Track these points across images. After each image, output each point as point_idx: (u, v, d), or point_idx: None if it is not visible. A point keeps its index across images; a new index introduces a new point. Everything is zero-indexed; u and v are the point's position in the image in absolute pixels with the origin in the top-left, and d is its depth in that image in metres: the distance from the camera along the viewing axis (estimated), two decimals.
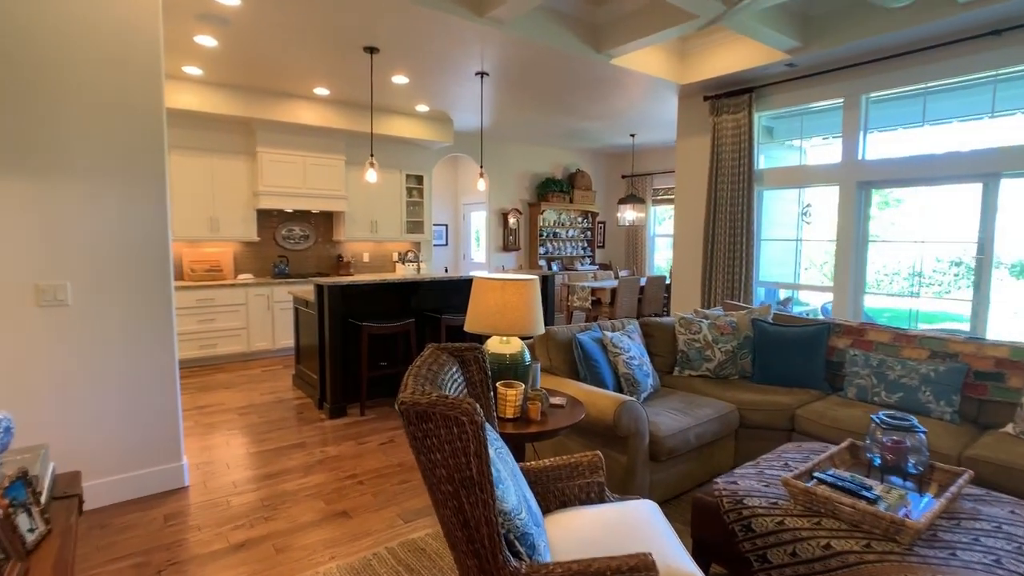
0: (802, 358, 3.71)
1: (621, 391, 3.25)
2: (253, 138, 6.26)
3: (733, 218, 5.61)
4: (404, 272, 7.44)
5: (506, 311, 2.38)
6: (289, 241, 6.92)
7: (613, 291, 7.54)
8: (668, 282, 8.19)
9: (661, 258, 10.02)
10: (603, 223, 10.37)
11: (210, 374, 5.62)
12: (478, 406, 1.34)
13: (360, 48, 4.53)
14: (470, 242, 10.11)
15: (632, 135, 8.36)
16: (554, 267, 9.36)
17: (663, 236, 9.89)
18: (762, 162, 5.66)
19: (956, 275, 5.35)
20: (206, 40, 4.39)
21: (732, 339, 3.88)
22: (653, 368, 3.55)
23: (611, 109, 6.68)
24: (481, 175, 5.24)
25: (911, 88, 4.56)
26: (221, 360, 6.10)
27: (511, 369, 2.46)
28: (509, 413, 2.32)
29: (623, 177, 10.27)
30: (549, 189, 9.09)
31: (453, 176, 10.28)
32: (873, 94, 4.79)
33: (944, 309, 5.12)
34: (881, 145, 4.87)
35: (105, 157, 2.79)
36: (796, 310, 5.58)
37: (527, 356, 2.52)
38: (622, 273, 9.23)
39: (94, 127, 2.75)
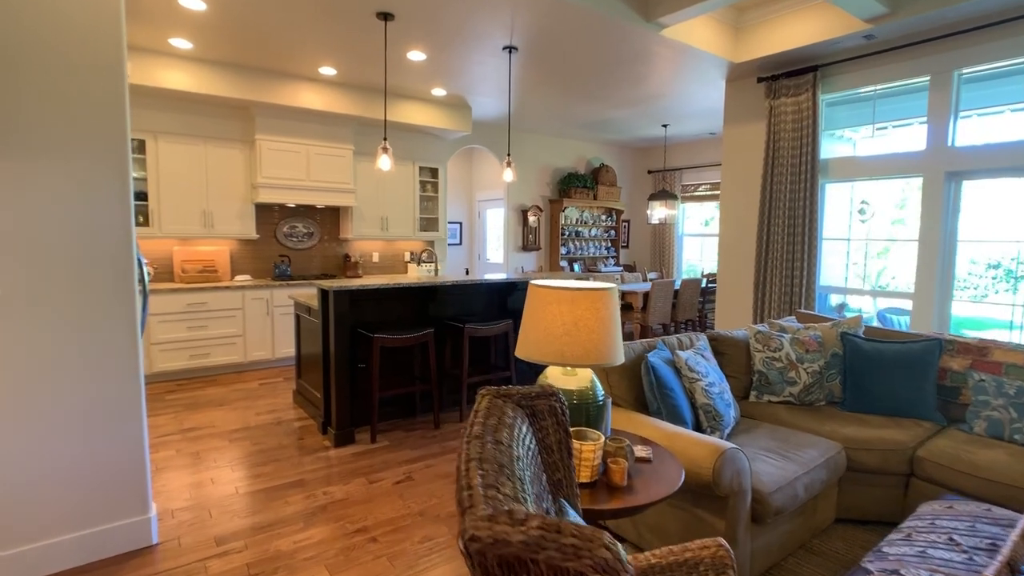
0: (907, 382, 3.05)
1: (700, 427, 2.60)
2: (251, 124, 5.65)
3: (792, 215, 4.94)
4: (418, 274, 6.81)
5: (577, 332, 1.74)
6: (291, 239, 6.30)
7: (646, 295, 6.88)
8: (704, 285, 7.52)
9: (690, 259, 9.34)
10: (627, 221, 9.70)
11: (201, 388, 5.00)
12: (621, 552, 0.69)
13: (372, 14, 3.89)
14: (485, 241, 9.47)
15: (664, 126, 7.69)
16: (576, 268, 8.71)
17: (692, 236, 9.22)
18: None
19: (994, 278, 4.84)
20: (192, 2, 3.76)
21: (818, 357, 3.22)
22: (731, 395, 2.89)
23: (646, 94, 6.03)
24: (508, 164, 4.60)
25: (1013, 62, 3.88)
26: (214, 371, 5.48)
27: (580, 411, 1.82)
28: (583, 477, 1.67)
29: (650, 172, 9.60)
30: (572, 184, 8.44)
31: (467, 170, 9.64)
32: (966, 69, 4.11)
33: (981, 314, 4.59)
34: (971, 131, 4.19)
35: (35, 121, 2.16)
36: (849, 318, 4.90)
37: (599, 391, 1.87)
38: (650, 275, 8.56)
39: (13, 79, 2.12)
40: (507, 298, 4.76)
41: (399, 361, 4.23)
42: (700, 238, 9.12)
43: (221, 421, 4.13)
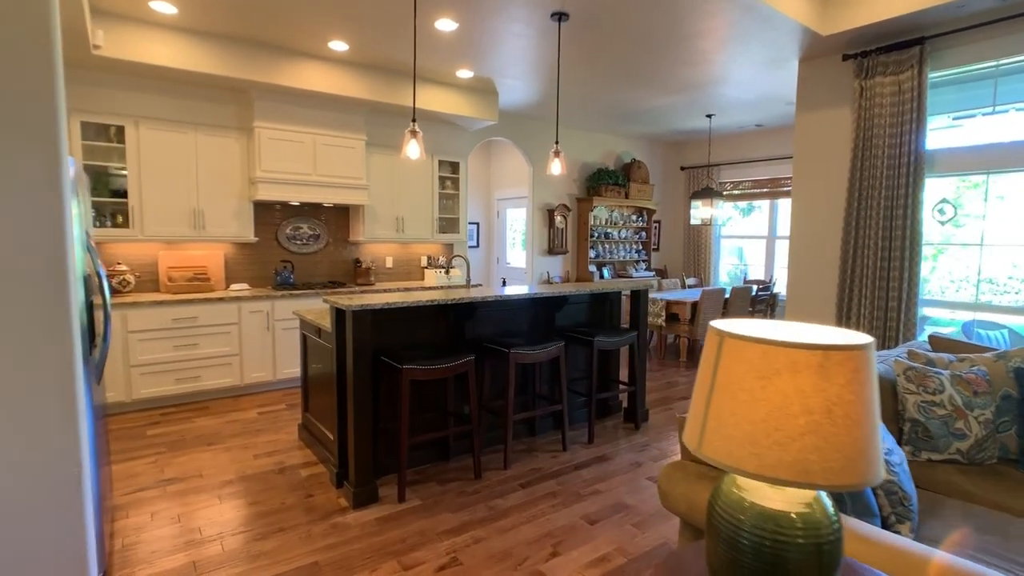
0: None
1: (882, 517, 1.83)
2: (249, 109, 4.88)
3: (888, 215, 4.18)
4: (436, 281, 6.05)
5: (832, 425, 0.96)
6: (295, 242, 5.53)
7: (694, 305, 6.12)
8: (754, 294, 6.76)
9: (728, 263, 8.57)
10: (658, 222, 8.94)
11: (189, 418, 4.23)
12: None
13: None
14: (505, 244, 8.71)
15: (709, 116, 6.93)
16: (605, 273, 7.94)
17: (730, 238, 8.45)
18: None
19: None
20: None
21: (989, 402, 2.47)
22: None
23: (701, 78, 5.26)
24: (556, 154, 3.84)
25: None
26: (205, 397, 4.71)
27: (803, 559, 1.04)
28: None
29: (683, 169, 8.84)
30: (602, 181, 7.67)
31: (485, 165, 8.88)
32: None
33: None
34: None
35: None
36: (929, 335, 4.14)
37: (832, 515, 1.10)
38: (689, 281, 7.80)
39: None
40: (555, 313, 3.99)
41: (429, 393, 3.47)
42: (740, 240, 8.36)
43: (211, 467, 3.36)
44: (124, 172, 4.43)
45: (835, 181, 4.56)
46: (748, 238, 8.22)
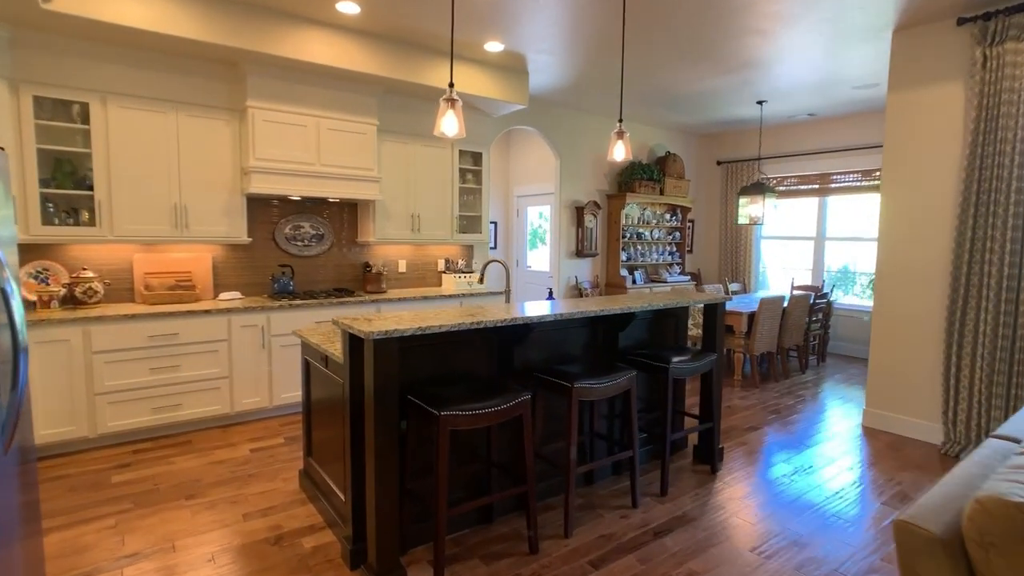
0: None
1: None
2: (241, 85, 4.12)
3: (1018, 214, 3.43)
4: (456, 288, 5.30)
5: None
6: (295, 243, 4.78)
7: (751, 316, 5.37)
8: (812, 303, 6.00)
9: (774, 267, 7.82)
10: (691, 222, 8.19)
11: (167, 458, 3.47)
12: None
13: None
14: (526, 245, 7.96)
15: (760, 103, 6.17)
16: (637, 278, 7.19)
17: (772, 239, 7.70)
18: None
19: None
20: None
21: None
22: None
23: (764, 53, 4.51)
24: (620, 135, 3.08)
25: None
26: (188, 428, 3.96)
27: None
28: None
29: (719, 164, 8.09)
30: (636, 176, 6.92)
31: (503, 158, 8.13)
32: None
33: None
34: None
35: None
36: None
37: None
38: (732, 287, 7.04)
39: None
40: (617, 332, 3.23)
41: (468, 438, 2.71)
42: (784, 241, 7.60)
43: (188, 532, 2.61)
44: (89, 158, 3.67)
45: (941, 173, 3.81)
46: (792, 239, 7.47)
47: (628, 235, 7.18)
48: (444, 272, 5.62)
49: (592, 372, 2.77)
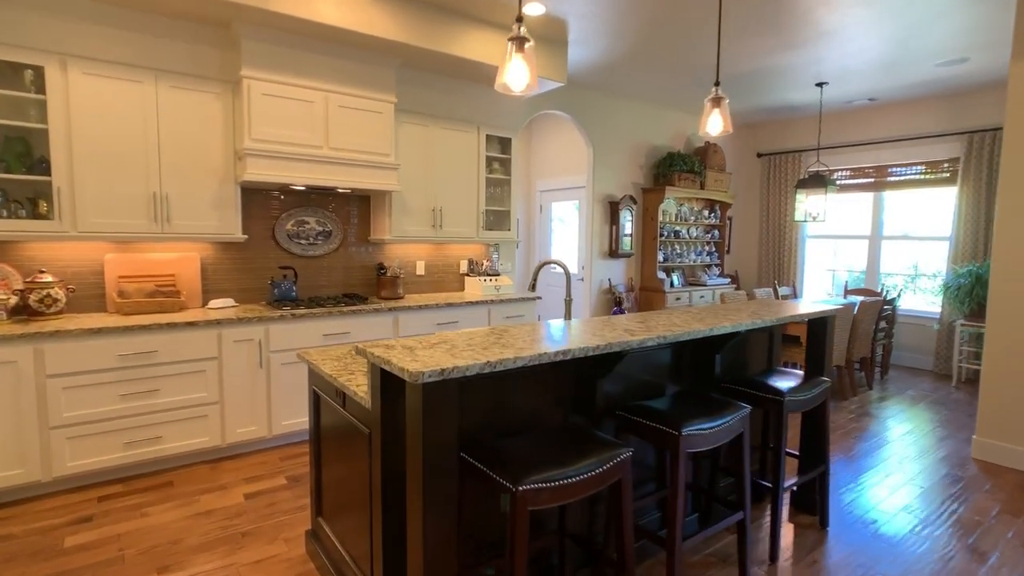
0: None
1: None
2: (235, 51, 3.44)
3: None
4: (482, 292, 4.61)
5: None
6: (298, 242, 4.09)
7: None
8: (878, 309, 5.32)
9: (815, 269, 7.14)
10: (730, 218, 7.50)
11: (138, 509, 2.79)
12: None
13: None
14: (550, 244, 7.27)
15: (821, 84, 5.49)
16: (675, 281, 6.51)
17: (820, 238, 7.02)
18: None
19: None
20: None
21: None
22: None
23: (843, 23, 3.83)
24: (717, 102, 2.39)
25: None
26: (168, 466, 3.27)
27: None
28: None
29: (759, 156, 7.41)
30: (675, 168, 6.24)
31: (524, 149, 7.45)
32: None
33: None
34: None
35: None
36: None
37: None
38: (782, 291, 6.36)
39: None
40: (714, 355, 2.55)
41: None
42: (833, 241, 6.92)
43: None
44: (45, 134, 2.98)
45: None
46: (844, 238, 6.79)
47: (665, 233, 6.50)
48: (467, 275, 4.94)
49: (690, 409, 2.09)
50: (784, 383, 2.52)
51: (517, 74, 1.79)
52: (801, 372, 2.76)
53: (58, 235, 3.02)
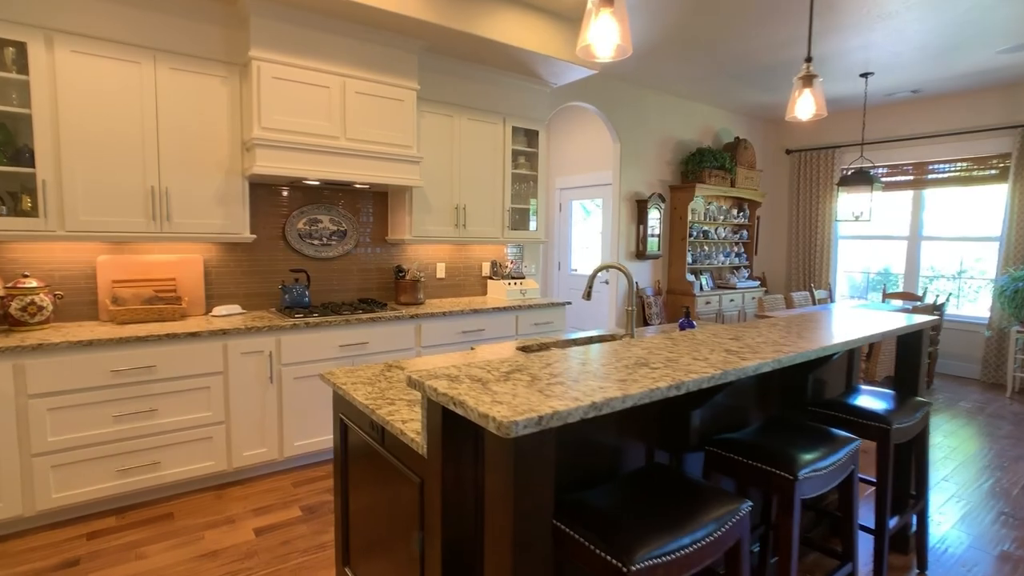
0: None
1: None
2: (242, 30, 3.09)
3: None
4: (508, 297, 4.26)
5: None
6: (311, 242, 3.74)
7: None
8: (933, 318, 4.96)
9: (847, 270, 6.79)
10: (758, 218, 7.15)
11: (135, 546, 2.43)
12: None
13: None
14: (569, 245, 6.92)
15: (865, 75, 5.14)
16: (705, 283, 6.16)
17: (854, 239, 6.67)
18: None
19: None
20: None
21: None
22: None
23: (897, 5, 3.49)
24: (807, 80, 2.04)
25: None
26: (169, 494, 2.91)
27: None
28: None
29: (788, 152, 7.06)
30: (705, 164, 5.89)
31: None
32: None
33: None
34: None
35: None
36: None
37: None
38: (819, 295, 6.01)
39: None
40: (807, 375, 2.19)
41: None
42: (867, 241, 6.57)
43: None
44: (28, 121, 2.63)
45: None
46: (880, 239, 6.44)
47: (694, 233, 6.15)
48: (490, 278, 4.58)
49: (792, 443, 1.74)
50: (878, 405, 2.17)
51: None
52: (884, 390, 2.41)
53: (44, 234, 2.66)
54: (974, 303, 5.89)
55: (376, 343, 3.42)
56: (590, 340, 2.78)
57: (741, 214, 6.70)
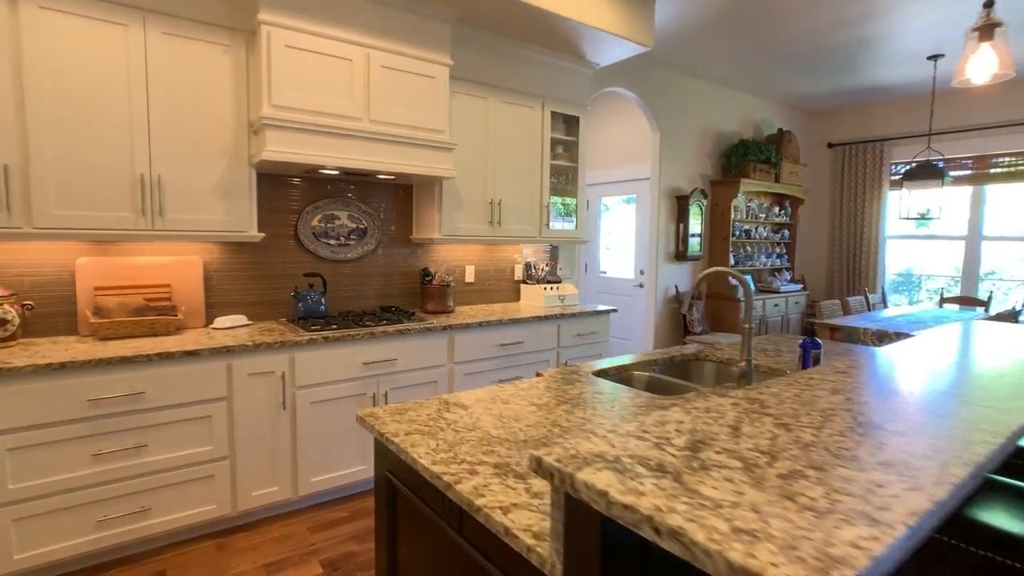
0: None
1: None
2: None
3: None
4: (545, 304, 3.78)
5: None
6: (327, 242, 3.25)
7: None
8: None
9: (896, 271, 6.31)
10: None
11: None
12: None
13: None
14: (598, 245, 6.43)
15: (934, 57, 4.66)
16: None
17: (902, 239, 6.19)
18: None
19: None
20: None
21: None
22: None
23: None
24: (986, 31, 1.57)
25: None
26: (161, 545, 2.42)
27: None
28: None
29: (830, 146, 6.58)
30: (749, 157, 5.41)
31: None
32: None
33: None
34: None
35: None
36: None
37: None
38: (873, 299, 5.52)
39: None
40: None
41: None
42: (919, 242, 6.10)
43: None
44: None
45: None
46: (934, 239, 5.96)
47: (738, 232, 5.67)
48: (524, 282, 4.10)
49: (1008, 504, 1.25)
50: None
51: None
52: None
53: (7, 232, 2.17)
54: None
55: (405, 359, 2.93)
56: (672, 359, 2.30)
57: (783, 212, 6.22)
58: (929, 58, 4.68)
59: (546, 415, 1.51)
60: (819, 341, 1.89)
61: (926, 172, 4.62)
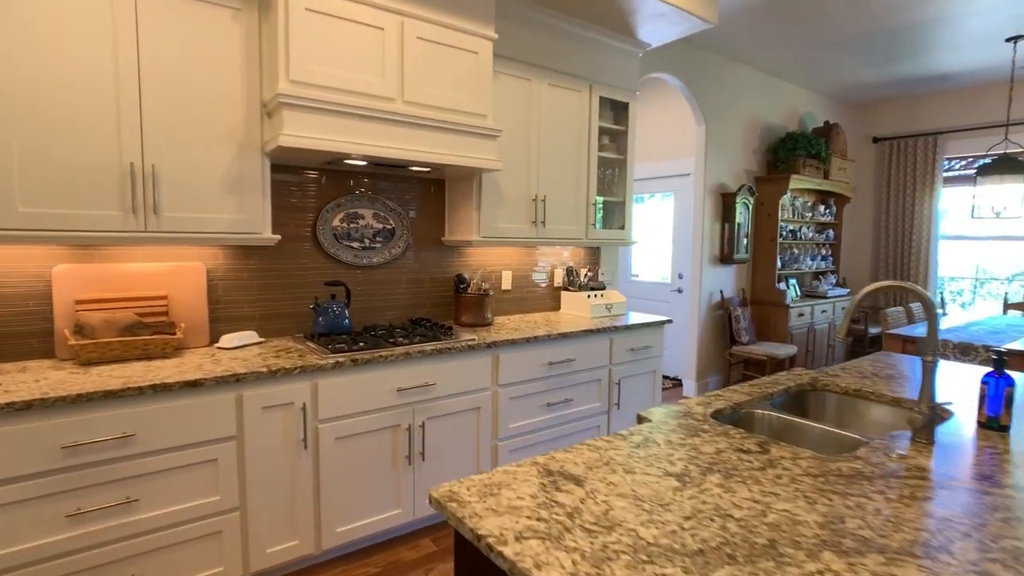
0: None
1: None
2: None
3: None
4: (592, 315, 3.34)
5: None
6: (349, 245, 2.80)
7: None
8: None
9: (948, 274, 5.88)
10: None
11: None
12: None
13: None
14: (630, 247, 5.97)
15: (1014, 39, 4.22)
16: (793, 291, 5.25)
17: (954, 239, 5.76)
18: None
19: None
20: None
21: None
22: None
23: None
24: None
25: None
26: None
27: None
28: None
29: (875, 141, 6.14)
30: (798, 152, 4.98)
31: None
32: None
33: None
34: None
35: None
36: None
37: None
38: (942, 309, 5.07)
39: None
40: None
41: None
42: (964, 241, 5.67)
43: None
44: None
45: None
46: (993, 240, 5.53)
47: (785, 232, 5.24)
48: (565, 289, 3.65)
49: None
50: None
51: None
52: None
53: None
54: None
55: (444, 383, 2.49)
56: (787, 391, 1.86)
57: (827, 211, 5.78)
58: (1008, 40, 4.25)
59: (698, 495, 1.07)
60: (1011, 377, 1.45)
61: (1005, 166, 4.19)
